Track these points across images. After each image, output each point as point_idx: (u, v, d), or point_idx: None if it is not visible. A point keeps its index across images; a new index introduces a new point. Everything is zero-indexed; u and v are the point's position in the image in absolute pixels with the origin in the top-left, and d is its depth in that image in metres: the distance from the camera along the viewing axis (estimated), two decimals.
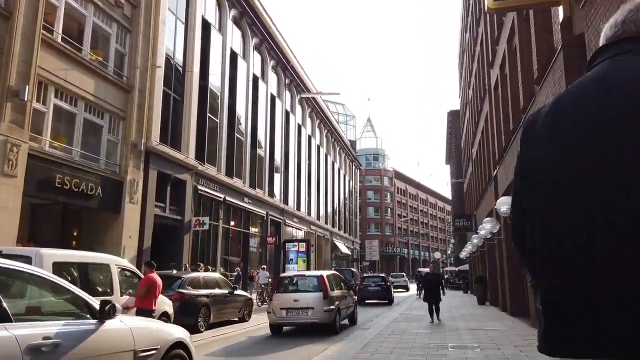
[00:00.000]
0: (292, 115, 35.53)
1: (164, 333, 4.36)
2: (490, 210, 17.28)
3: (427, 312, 14.64)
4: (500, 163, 14.10)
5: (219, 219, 22.94)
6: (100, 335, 3.56)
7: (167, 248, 19.12)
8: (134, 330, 3.92)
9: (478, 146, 21.32)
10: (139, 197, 16.58)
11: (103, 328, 3.62)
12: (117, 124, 16.21)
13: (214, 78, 22.88)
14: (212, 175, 22.08)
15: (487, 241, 16.31)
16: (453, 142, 45.45)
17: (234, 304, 12.17)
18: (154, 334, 4.25)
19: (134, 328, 3.95)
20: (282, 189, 32.50)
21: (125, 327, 3.89)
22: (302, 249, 19.86)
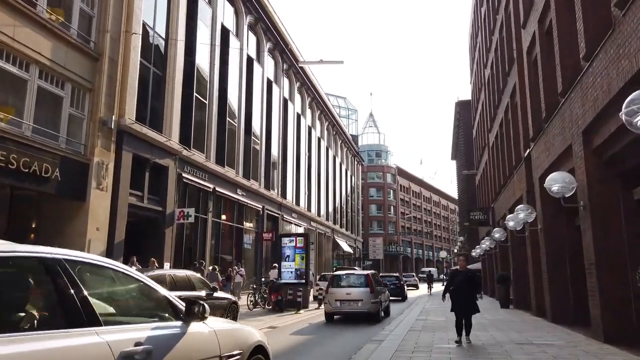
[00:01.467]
0: (291, 104, 33.16)
1: (245, 336, 3.93)
2: (518, 198, 14.90)
3: (445, 317, 12.32)
4: (538, 139, 11.70)
5: (207, 211, 20.57)
6: (188, 339, 3.16)
7: (145, 243, 16.76)
8: (218, 333, 3.50)
9: (498, 129, 18.91)
10: (109, 183, 14.20)
11: (190, 331, 3.23)
12: (83, 96, 13.83)
13: (202, 55, 20.52)
14: (200, 163, 19.71)
15: (516, 233, 13.91)
16: (462, 134, 43.03)
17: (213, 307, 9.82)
18: (237, 337, 3.82)
19: (218, 331, 3.53)
20: (279, 182, 30.13)
21: (210, 330, 3.46)
22: (299, 245, 17.46)
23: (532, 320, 12.03)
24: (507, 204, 17.29)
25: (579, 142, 8.35)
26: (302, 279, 17.37)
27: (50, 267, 2.46)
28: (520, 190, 14.43)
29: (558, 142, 9.71)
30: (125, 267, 3.27)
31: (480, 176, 28.32)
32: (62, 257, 2.57)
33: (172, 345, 2.97)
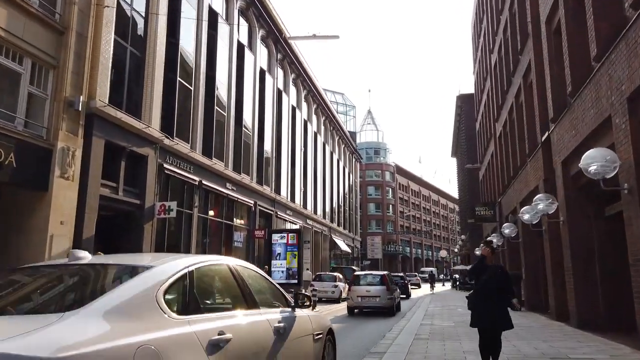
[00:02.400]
0: (285, 96, 31.65)
1: (324, 321, 4.95)
2: (533, 189, 13.42)
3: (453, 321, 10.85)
4: (561, 118, 10.21)
5: (193, 206, 19.04)
6: (298, 321, 4.16)
7: (121, 239, 15.23)
8: (311, 318, 4.50)
9: (507, 116, 17.44)
10: (76, 172, 12.67)
11: (297, 315, 4.22)
12: (45, 74, 12.30)
13: (187, 38, 19.00)
14: (184, 153, 18.18)
15: (532, 227, 12.44)
16: (463, 128, 41.61)
17: None
18: (320, 321, 4.77)
19: (310, 316, 4.53)
20: (273, 177, 28.61)
21: (306, 315, 4.43)
22: (291, 241, 15.97)
23: (553, 326, 10.55)
24: (519, 197, 15.82)
25: (622, 111, 6.89)
26: (294, 278, 15.89)
27: (230, 269, 3.63)
28: (536, 180, 12.95)
29: (590, 116, 8.23)
30: (258, 269, 4.24)
31: (485, 170, 26.85)
32: (233, 263, 3.76)
33: (292, 324, 3.95)
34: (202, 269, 3.26)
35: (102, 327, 2.25)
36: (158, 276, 2.78)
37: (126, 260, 3.34)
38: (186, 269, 3.05)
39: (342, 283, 22.79)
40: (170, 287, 2.80)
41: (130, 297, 2.52)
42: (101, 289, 2.77)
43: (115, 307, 2.39)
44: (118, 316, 2.35)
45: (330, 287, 20.89)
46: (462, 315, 13.93)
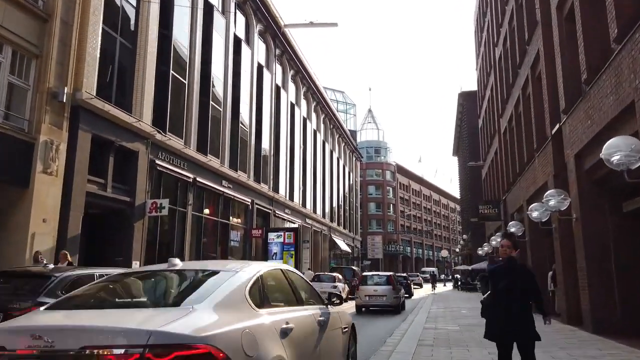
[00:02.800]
0: (284, 92, 30.99)
1: (347, 317, 5.53)
2: (541, 185, 12.77)
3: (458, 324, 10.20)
4: (574, 108, 9.56)
5: (187, 204, 18.39)
6: (332, 316, 4.78)
7: (109, 238, 14.61)
8: (339, 314, 5.15)
9: (513, 110, 16.78)
10: (60, 167, 12.03)
11: (330, 312, 4.82)
12: (28, 63, 11.67)
13: (180, 30, 18.35)
14: (177, 149, 17.53)
15: (541, 225, 11.78)
16: (465, 127, 40.99)
17: None
18: (345, 316, 5.41)
19: (339, 312, 5.17)
20: (271, 175, 27.95)
21: (335, 311, 5.05)
22: (288, 240, 15.32)
23: (566, 331, 9.88)
24: (525, 194, 15.16)
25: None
26: None
27: (283, 272, 4.43)
28: (545, 176, 12.29)
29: (609, 103, 7.57)
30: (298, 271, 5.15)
31: (488, 168, 26.18)
32: (284, 267, 4.61)
33: (328, 319, 4.65)
34: (267, 272, 4.02)
35: (216, 316, 2.96)
36: (243, 279, 3.55)
37: (212, 266, 4.03)
38: (258, 273, 3.79)
39: (341, 284, 22.13)
40: (252, 287, 3.55)
41: (229, 295, 3.28)
42: (207, 289, 3.32)
43: (220, 302, 3.12)
44: (223, 308, 3.08)
45: (329, 287, 20.23)
46: (467, 318, 13.28)
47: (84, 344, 2.51)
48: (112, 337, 2.55)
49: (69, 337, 2.57)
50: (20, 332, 2.74)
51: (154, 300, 3.58)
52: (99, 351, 2.49)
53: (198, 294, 3.22)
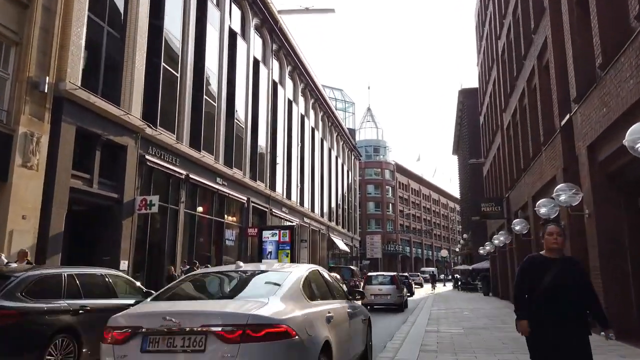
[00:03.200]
0: (281, 88, 30.36)
1: (365, 310, 6.62)
2: (549, 180, 12.15)
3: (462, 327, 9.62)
4: (587, 96, 8.94)
5: (179, 201, 17.75)
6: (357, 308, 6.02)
7: (96, 237, 13.97)
8: (360, 307, 6.27)
9: (518, 103, 16.16)
10: (42, 161, 11.39)
11: (354, 305, 5.95)
12: (6, 50, 11.04)
13: (172, 22, 17.71)
14: (169, 144, 16.90)
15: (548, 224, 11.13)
16: (465, 124, 40.37)
17: None
18: (364, 309, 6.51)
19: (359, 305, 6.33)
20: (268, 173, 27.32)
21: (358, 304, 6.28)
22: (284, 239, 14.67)
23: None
24: (531, 190, 14.54)
25: None
26: None
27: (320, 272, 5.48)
28: (553, 170, 11.67)
29: (629, 88, 6.95)
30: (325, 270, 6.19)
31: (490, 165, 25.57)
32: (317, 268, 5.53)
33: (354, 310, 5.72)
34: (311, 272, 4.97)
35: (284, 305, 3.92)
36: (296, 277, 4.49)
37: (270, 267, 5.31)
38: (306, 272, 4.79)
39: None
40: (303, 283, 4.49)
41: (289, 290, 4.21)
42: (273, 285, 4.26)
43: (284, 295, 4.08)
44: (287, 300, 4.04)
45: None
46: (470, 320, 12.66)
47: (202, 324, 3.52)
48: (221, 318, 3.56)
49: (190, 319, 3.57)
50: (153, 315, 3.74)
51: (235, 293, 4.50)
52: (214, 329, 3.49)
53: (268, 289, 4.23)
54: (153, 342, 3.61)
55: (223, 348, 3.45)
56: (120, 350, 3.65)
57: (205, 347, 3.48)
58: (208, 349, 3.47)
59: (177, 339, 3.55)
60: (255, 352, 3.47)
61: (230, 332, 3.46)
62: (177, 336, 3.55)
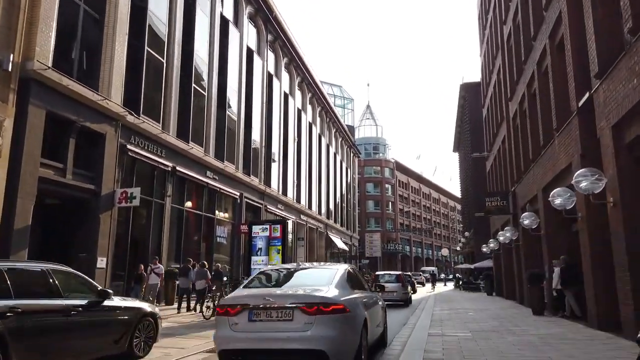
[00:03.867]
0: (277, 81, 29.30)
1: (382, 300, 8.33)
2: (563, 168, 11.09)
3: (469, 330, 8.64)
4: (613, 68, 7.87)
5: (165, 195, 16.69)
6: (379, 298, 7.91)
7: (71, 232, 12.91)
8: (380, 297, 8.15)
9: (526, 89, 15.10)
10: (6, 147, 10.36)
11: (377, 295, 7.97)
12: None
13: (157, 1, 16.64)
14: (154, 134, 15.85)
15: (565, 214, 10.11)
16: (467, 119, 39.32)
17: (99, 328, 5.92)
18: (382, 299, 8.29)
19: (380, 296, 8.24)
20: (263, 168, 26.27)
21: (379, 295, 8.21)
22: (275, 234, 13.60)
23: (602, 338, 8.21)
24: (541, 182, 13.49)
25: None
26: None
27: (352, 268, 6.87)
28: (568, 157, 10.62)
29: None
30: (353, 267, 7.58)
31: (494, 159, 24.51)
32: (351, 266, 6.88)
33: (378, 300, 7.42)
34: (348, 269, 6.57)
35: (337, 291, 5.47)
36: (341, 272, 6.14)
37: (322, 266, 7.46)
38: (345, 269, 6.42)
39: None
40: (346, 277, 6.17)
41: (339, 281, 5.82)
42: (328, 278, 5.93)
43: (336, 284, 5.67)
44: (338, 288, 5.60)
45: None
46: (477, 322, 11.60)
47: (291, 302, 5.22)
48: (304, 299, 5.25)
49: (282, 299, 5.29)
50: (256, 297, 5.41)
51: (304, 283, 5.98)
52: (299, 305, 5.15)
53: (325, 280, 5.83)
54: (256, 314, 5.24)
55: (305, 318, 5.11)
56: (232, 320, 5.27)
57: (293, 317, 5.14)
58: (295, 318, 5.13)
59: (273, 312, 5.19)
60: (325, 320, 5.10)
61: (309, 307, 5.12)
62: (273, 310, 5.19)
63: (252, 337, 5.19)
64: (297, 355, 5.12)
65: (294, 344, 5.06)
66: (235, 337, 5.22)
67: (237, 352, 5.26)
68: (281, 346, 5.08)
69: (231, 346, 5.26)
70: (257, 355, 5.26)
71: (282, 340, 5.07)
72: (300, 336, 5.05)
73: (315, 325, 5.06)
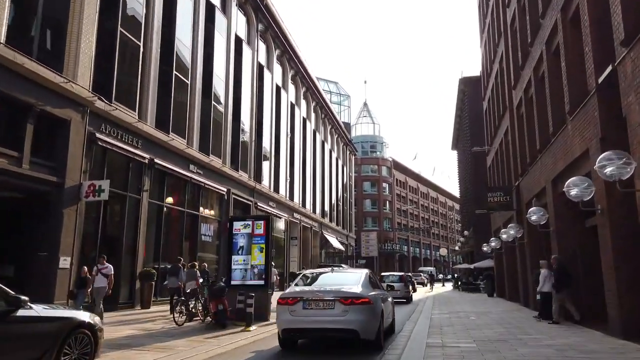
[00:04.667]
0: (268, 73, 28.06)
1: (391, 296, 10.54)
2: (577, 157, 9.88)
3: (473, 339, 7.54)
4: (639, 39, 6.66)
5: (141, 190, 15.41)
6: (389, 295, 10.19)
7: (29, 228, 11.62)
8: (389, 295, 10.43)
9: (532, 75, 13.88)
10: None
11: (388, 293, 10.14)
12: None
13: None
14: (128, 123, 14.58)
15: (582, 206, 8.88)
16: (466, 115, 38.18)
17: (11, 344, 4.60)
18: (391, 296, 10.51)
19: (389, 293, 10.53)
20: (253, 163, 25.01)
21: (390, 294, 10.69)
22: (258, 231, 12.31)
23: (631, 351, 6.98)
24: (550, 173, 12.28)
25: None
26: (262, 278, 12.26)
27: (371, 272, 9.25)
28: (584, 143, 9.41)
29: None
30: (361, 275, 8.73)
31: (495, 154, 23.30)
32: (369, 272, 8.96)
33: (388, 297, 9.64)
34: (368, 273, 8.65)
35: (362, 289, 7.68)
36: (364, 275, 8.35)
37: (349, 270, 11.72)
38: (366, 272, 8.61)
39: None
40: (369, 278, 8.34)
41: (363, 281, 8.01)
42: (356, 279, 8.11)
43: (362, 284, 7.84)
44: (364, 286, 7.79)
45: None
46: (480, 329, 10.38)
47: (333, 296, 7.26)
48: (342, 294, 7.30)
49: (327, 294, 7.33)
50: (308, 292, 7.51)
51: (340, 282, 8.00)
52: (339, 298, 7.18)
53: (354, 281, 7.95)
54: (308, 304, 7.38)
55: (343, 307, 7.20)
56: (291, 308, 7.44)
57: (334, 306, 7.25)
58: (336, 307, 7.24)
59: (320, 302, 7.33)
60: (357, 309, 7.21)
61: (346, 300, 7.25)
62: (320, 301, 7.33)
63: (306, 320, 7.36)
64: (337, 333, 7.36)
65: (336, 325, 7.25)
66: (294, 320, 7.44)
67: (296, 330, 7.58)
68: (327, 326, 7.30)
69: (292, 326, 7.51)
70: (310, 333, 7.62)
71: (327, 322, 7.28)
72: (340, 320, 7.22)
73: (350, 312, 7.20)
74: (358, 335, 7.12)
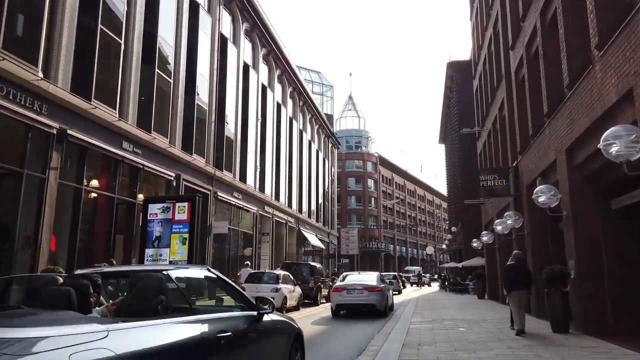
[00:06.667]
0: (234, 47, 24.94)
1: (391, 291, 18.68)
2: (604, 112, 6.96)
3: None
4: None
5: (48, 167, 12.17)
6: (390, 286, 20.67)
7: None
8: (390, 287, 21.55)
9: (539, 19, 10.97)
10: None
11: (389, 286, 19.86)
12: None
13: None
14: (25, 80, 11.30)
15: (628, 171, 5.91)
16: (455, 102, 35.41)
17: None
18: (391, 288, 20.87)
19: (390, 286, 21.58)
20: (213, 146, 21.87)
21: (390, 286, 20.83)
22: (180, 217, 9.24)
23: None
24: (566, 138, 9.31)
25: None
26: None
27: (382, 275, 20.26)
28: (625, 82, 6.47)
29: None
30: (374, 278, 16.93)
31: (488, 135, 20.45)
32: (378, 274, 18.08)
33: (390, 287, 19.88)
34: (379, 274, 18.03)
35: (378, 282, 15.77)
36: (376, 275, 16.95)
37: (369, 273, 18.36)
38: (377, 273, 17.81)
39: (289, 285, 16.20)
40: (381, 278, 17.29)
41: (377, 279, 16.20)
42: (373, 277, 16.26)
43: (376, 280, 15.89)
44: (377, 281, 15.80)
45: (269, 291, 14.30)
46: (474, 349, 7.42)
47: (362, 287, 15.00)
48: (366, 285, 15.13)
49: (358, 285, 15.06)
50: (349, 284, 15.23)
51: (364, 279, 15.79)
52: (366, 287, 14.99)
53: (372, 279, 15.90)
54: (349, 291, 14.72)
55: (367, 292, 14.66)
56: (340, 293, 14.78)
57: (363, 292, 14.63)
58: (363, 293, 14.62)
59: (355, 290, 14.71)
60: (375, 293, 14.72)
61: (371, 289, 14.83)
62: (354, 289, 14.73)
63: (347, 300, 14.50)
64: (364, 306, 14.36)
65: (364, 301, 14.38)
66: (341, 300, 14.55)
67: (342, 305, 14.64)
68: (359, 302, 14.42)
69: (340, 302, 14.60)
70: (350, 306, 14.61)
71: (359, 300, 14.40)
72: (366, 299, 14.41)
73: (371, 295, 14.54)
74: (375, 307, 14.41)
